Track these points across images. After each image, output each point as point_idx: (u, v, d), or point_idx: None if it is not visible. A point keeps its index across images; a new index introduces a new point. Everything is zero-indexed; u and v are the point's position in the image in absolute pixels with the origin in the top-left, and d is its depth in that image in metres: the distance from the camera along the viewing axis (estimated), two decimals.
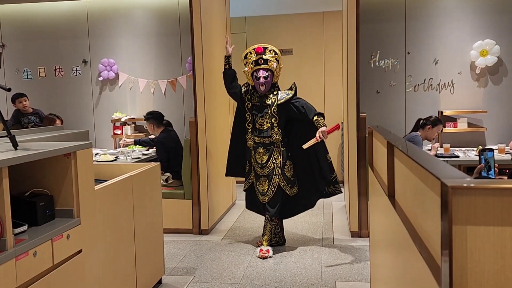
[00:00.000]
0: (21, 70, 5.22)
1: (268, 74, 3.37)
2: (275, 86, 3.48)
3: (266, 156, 3.46)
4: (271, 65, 3.36)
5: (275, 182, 3.45)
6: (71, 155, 1.88)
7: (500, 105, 4.35)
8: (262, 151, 3.47)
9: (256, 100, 3.46)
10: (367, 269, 3.19)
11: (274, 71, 3.40)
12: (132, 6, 4.99)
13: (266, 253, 3.45)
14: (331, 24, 6.08)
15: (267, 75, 3.36)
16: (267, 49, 3.39)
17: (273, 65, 3.37)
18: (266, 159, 3.46)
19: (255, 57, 3.37)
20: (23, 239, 1.62)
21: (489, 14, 4.29)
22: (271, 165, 3.45)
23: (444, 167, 1.00)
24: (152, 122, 4.32)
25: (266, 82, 3.37)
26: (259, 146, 3.48)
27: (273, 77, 3.41)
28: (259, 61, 3.36)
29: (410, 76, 4.44)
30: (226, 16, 5.07)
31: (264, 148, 3.47)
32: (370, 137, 2.68)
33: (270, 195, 3.46)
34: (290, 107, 3.42)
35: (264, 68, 3.35)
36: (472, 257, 0.77)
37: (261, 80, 3.35)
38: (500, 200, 0.76)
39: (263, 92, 3.41)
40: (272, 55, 3.38)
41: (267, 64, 3.36)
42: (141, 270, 2.63)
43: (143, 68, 5.01)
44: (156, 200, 2.91)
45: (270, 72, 3.38)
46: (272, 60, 3.37)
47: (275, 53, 3.40)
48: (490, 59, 4.22)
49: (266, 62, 3.36)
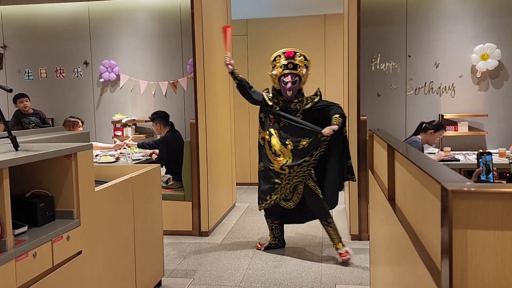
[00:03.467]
0: (23, 71, 5.23)
1: (296, 80, 3.31)
2: (300, 92, 3.41)
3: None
4: (300, 71, 3.30)
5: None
6: (71, 156, 1.88)
7: (500, 109, 4.35)
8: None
9: (281, 105, 3.38)
10: (367, 272, 3.18)
11: (302, 77, 3.33)
12: (133, 8, 5.00)
13: (347, 254, 3.35)
14: (332, 27, 6.09)
15: (295, 81, 3.30)
16: (297, 54, 3.32)
17: (302, 71, 3.30)
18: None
19: (285, 61, 3.30)
20: (23, 240, 1.62)
21: (490, 17, 4.30)
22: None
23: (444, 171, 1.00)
24: (159, 122, 4.30)
25: (294, 87, 3.30)
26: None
27: (300, 83, 3.34)
28: (289, 66, 3.29)
29: (411, 79, 4.44)
30: (227, 18, 5.08)
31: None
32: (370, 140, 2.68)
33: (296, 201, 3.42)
34: (315, 112, 3.37)
35: (293, 73, 3.29)
36: (473, 261, 0.77)
37: (289, 85, 3.29)
38: (501, 204, 0.76)
39: (289, 98, 3.34)
40: (302, 59, 3.32)
41: (296, 70, 3.29)
42: (140, 272, 2.63)
43: (144, 69, 5.02)
44: (156, 201, 2.90)
45: (298, 77, 3.32)
46: (302, 65, 3.31)
47: (305, 59, 3.34)
48: (491, 63, 4.22)
49: (296, 67, 3.29)
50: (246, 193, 6.03)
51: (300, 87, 3.37)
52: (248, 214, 4.96)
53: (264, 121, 3.46)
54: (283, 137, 3.34)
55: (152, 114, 4.37)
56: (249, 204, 5.41)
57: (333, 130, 3.18)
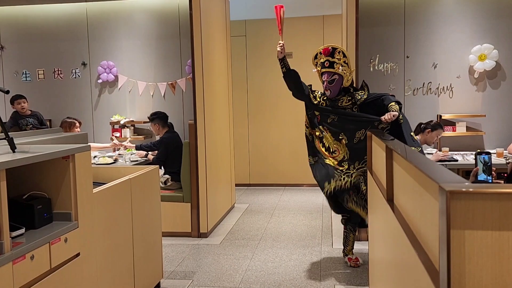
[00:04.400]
0: (20, 72, 5.22)
1: (335, 78, 3.10)
2: (348, 90, 3.18)
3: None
4: (336, 69, 3.10)
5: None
6: (69, 158, 1.87)
7: (498, 109, 4.36)
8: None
9: (327, 104, 3.18)
10: (366, 273, 3.18)
11: (342, 75, 3.11)
12: (131, 8, 5.00)
13: (357, 260, 3.30)
14: (331, 28, 6.09)
15: (333, 80, 3.11)
16: (336, 51, 3.11)
17: (338, 68, 3.09)
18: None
19: (323, 59, 3.13)
20: (21, 243, 1.61)
21: (488, 18, 4.31)
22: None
23: (442, 171, 1.00)
24: (158, 123, 4.30)
25: (331, 87, 3.12)
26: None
27: (342, 81, 3.12)
28: (325, 64, 3.12)
29: (409, 80, 4.45)
30: (226, 19, 5.09)
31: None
32: (369, 141, 2.68)
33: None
34: (365, 107, 3.14)
35: (330, 72, 3.11)
36: (470, 262, 0.77)
37: (325, 84, 3.13)
38: (498, 205, 0.76)
39: (330, 97, 3.16)
40: (340, 57, 3.10)
41: (333, 68, 3.10)
42: (139, 274, 2.62)
43: (142, 70, 5.02)
44: (154, 203, 2.90)
45: (338, 76, 3.11)
46: (339, 63, 3.09)
47: (344, 55, 3.11)
48: (488, 64, 4.23)
49: (332, 65, 3.10)
50: (245, 194, 6.03)
51: (344, 85, 3.14)
52: (247, 215, 4.96)
53: (311, 118, 3.27)
54: (335, 132, 3.15)
55: (151, 115, 4.37)
56: (248, 205, 5.40)
57: (393, 116, 2.90)
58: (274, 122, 6.43)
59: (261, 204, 5.46)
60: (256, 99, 6.45)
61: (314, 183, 6.47)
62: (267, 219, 4.76)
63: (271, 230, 4.35)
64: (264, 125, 6.46)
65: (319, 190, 6.04)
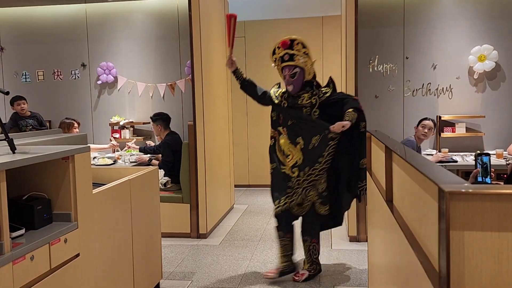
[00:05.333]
0: (20, 73, 5.22)
1: (296, 72, 2.90)
2: (312, 84, 2.98)
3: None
4: (297, 61, 2.89)
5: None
6: (69, 159, 1.87)
7: (498, 110, 4.36)
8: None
9: (290, 101, 2.98)
10: (365, 273, 3.18)
11: (304, 67, 2.92)
12: (131, 10, 5.00)
13: (303, 275, 3.11)
14: (330, 29, 6.10)
15: (294, 73, 2.91)
16: (294, 42, 2.90)
17: (299, 60, 2.90)
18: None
19: (282, 52, 2.92)
20: (20, 243, 1.61)
21: (487, 19, 4.32)
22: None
23: (442, 172, 1.00)
24: (160, 124, 4.28)
25: (294, 81, 2.91)
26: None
27: (304, 75, 2.93)
28: (285, 57, 2.91)
29: (408, 81, 4.45)
30: (225, 20, 5.09)
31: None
32: (368, 141, 2.68)
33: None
34: (330, 106, 2.95)
35: (290, 65, 2.91)
36: (470, 263, 0.77)
37: (287, 78, 2.93)
38: (497, 206, 0.76)
39: (292, 93, 2.96)
40: (299, 48, 2.90)
41: (293, 60, 2.89)
42: (138, 274, 2.62)
43: (142, 71, 5.02)
44: (154, 204, 2.90)
45: (299, 68, 2.91)
46: (299, 54, 2.89)
47: (303, 46, 2.92)
48: (488, 64, 4.24)
49: (292, 57, 2.90)
50: (245, 195, 6.02)
51: (306, 79, 2.95)
52: (247, 216, 4.96)
53: (275, 120, 3.10)
54: (292, 135, 2.98)
55: (154, 115, 4.33)
56: (248, 206, 5.40)
57: (343, 127, 2.77)
58: None
59: (260, 205, 5.46)
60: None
61: None
62: (266, 220, 4.76)
63: (270, 231, 4.35)
64: (263, 125, 6.44)
65: None
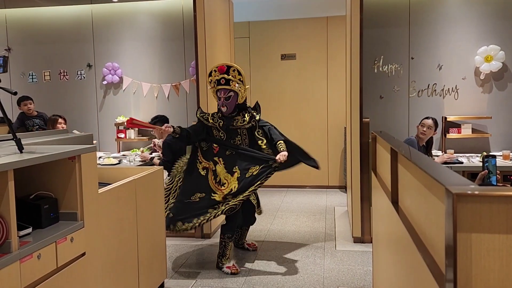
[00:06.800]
0: (27, 73, 5.26)
1: (231, 95, 3.22)
2: (245, 108, 3.33)
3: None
4: (233, 86, 3.21)
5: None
6: (75, 159, 1.89)
7: (504, 111, 4.33)
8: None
9: (224, 122, 3.28)
10: (369, 275, 3.17)
11: (238, 92, 3.23)
12: (136, 10, 5.03)
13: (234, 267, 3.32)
14: (335, 29, 6.09)
15: (228, 96, 3.22)
16: (231, 69, 3.21)
17: (235, 86, 3.21)
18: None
19: (218, 76, 3.22)
20: (28, 242, 1.62)
21: (494, 19, 4.29)
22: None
23: (448, 174, 0.99)
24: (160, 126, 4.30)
25: (228, 103, 3.23)
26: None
27: (237, 98, 3.25)
28: (221, 81, 3.21)
29: (413, 82, 4.44)
30: (229, 20, 5.10)
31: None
32: (373, 142, 2.68)
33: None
34: (256, 130, 3.34)
35: (226, 89, 3.21)
36: (477, 265, 0.77)
37: (222, 101, 3.23)
38: (505, 208, 0.76)
39: (226, 113, 3.27)
40: (235, 75, 3.21)
41: (229, 85, 3.20)
42: (143, 274, 2.63)
43: (147, 72, 5.04)
44: (159, 203, 2.91)
45: (233, 93, 3.23)
46: (235, 80, 3.20)
47: (239, 73, 3.22)
48: (494, 65, 4.21)
49: (228, 82, 3.20)
50: None
51: (238, 102, 3.26)
52: None
53: (207, 150, 3.36)
54: (229, 165, 3.26)
55: (152, 119, 4.39)
56: None
57: (285, 156, 3.18)
58: (277, 123, 6.34)
59: (264, 205, 5.46)
60: (259, 100, 6.42)
61: (317, 184, 6.47)
62: (270, 220, 4.76)
63: (274, 231, 4.36)
64: None
65: (322, 192, 6.06)
